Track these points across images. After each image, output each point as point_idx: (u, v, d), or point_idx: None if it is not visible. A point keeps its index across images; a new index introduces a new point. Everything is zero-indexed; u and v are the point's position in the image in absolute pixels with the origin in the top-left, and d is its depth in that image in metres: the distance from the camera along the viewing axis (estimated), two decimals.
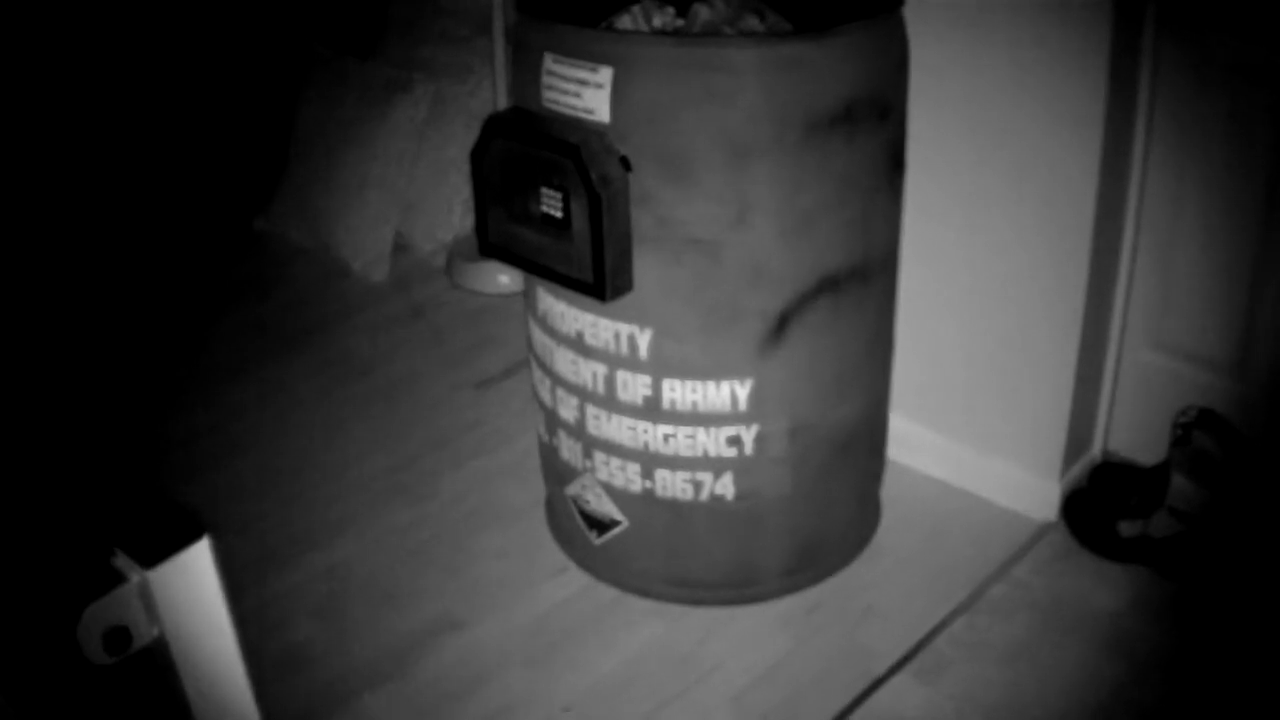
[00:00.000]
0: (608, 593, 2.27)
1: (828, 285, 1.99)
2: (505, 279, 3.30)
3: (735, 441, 2.05)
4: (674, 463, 2.08)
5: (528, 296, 2.20)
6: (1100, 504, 2.30)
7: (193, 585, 0.91)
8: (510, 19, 2.87)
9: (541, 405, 2.24)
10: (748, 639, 2.16)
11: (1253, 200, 2.16)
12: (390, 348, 3.13)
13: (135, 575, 0.88)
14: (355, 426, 2.81)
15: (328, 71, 3.58)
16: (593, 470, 2.16)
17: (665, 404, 2.03)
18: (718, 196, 1.88)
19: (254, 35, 3.90)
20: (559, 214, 1.92)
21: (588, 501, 2.21)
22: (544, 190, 1.93)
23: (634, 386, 2.03)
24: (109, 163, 3.76)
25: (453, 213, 3.48)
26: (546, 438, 2.27)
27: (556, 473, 2.28)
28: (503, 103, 3.22)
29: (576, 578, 2.31)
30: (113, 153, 3.76)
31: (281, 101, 3.71)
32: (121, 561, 0.88)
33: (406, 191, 3.44)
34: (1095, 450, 2.48)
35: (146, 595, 0.88)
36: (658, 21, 2.12)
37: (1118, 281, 2.34)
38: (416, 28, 3.61)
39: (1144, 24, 2.13)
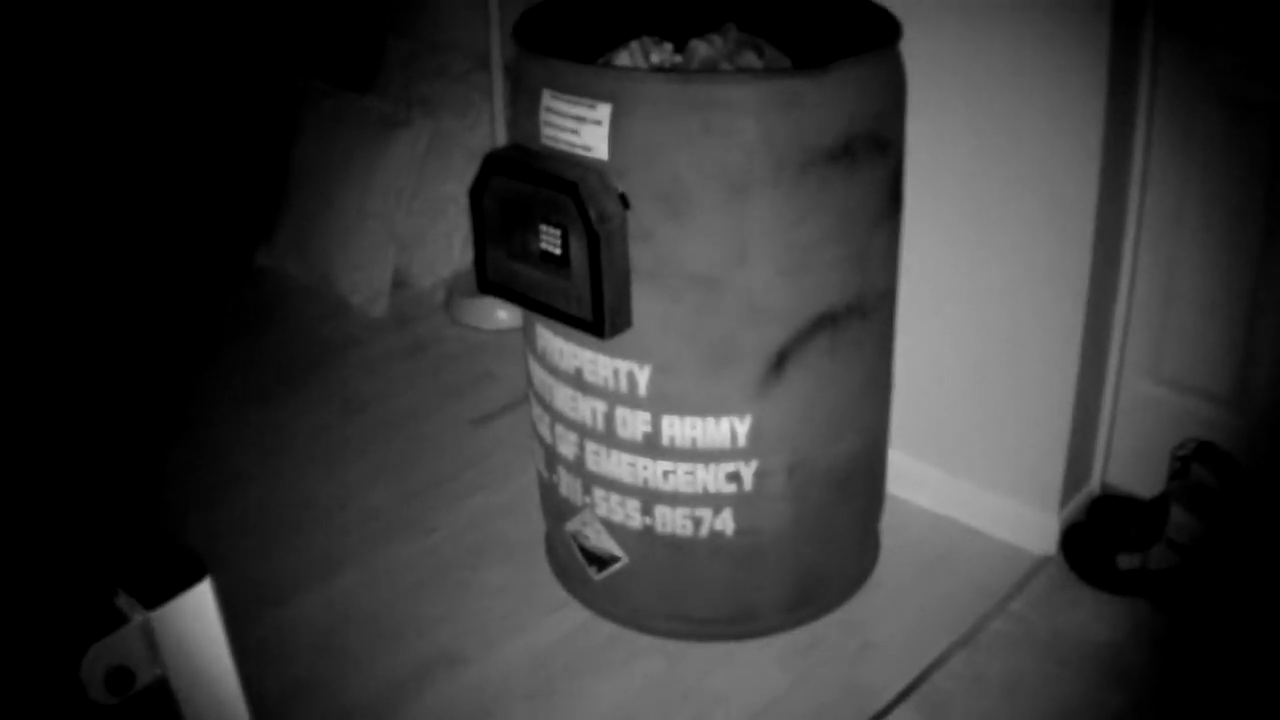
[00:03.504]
0: (607, 628, 2.26)
1: (826, 321, 2.00)
2: (504, 315, 3.31)
3: (734, 478, 2.06)
4: (673, 499, 2.08)
5: (527, 333, 2.21)
6: (1099, 537, 2.30)
7: (195, 626, 0.91)
8: (509, 55, 2.88)
9: (541, 442, 2.25)
10: (748, 675, 2.15)
11: (1252, 231, 2.17)
12: (389, 383, 3.13)
13: (138, 616, 0.88)
14: (354, 462, 2.81)
15: (325, 107, 3.59)
16: (592, 506, 2.16)
17: (664, 440, 2.03)
18: (716, 233, 1.89)
19: (252, 69, 3.91)
20: (558, 251, 1.92)
21: (587, 538, 2.21)
22: (543, 227, 1.94)
23: (633, 423, 2.03)
24: (110, 195, 3.76)
25: (452, 248, 3.49)
26: (546, 474, 2.27)
27: (556, 509, 2.28)
28: (501, 138, 3.23)
29: (576, 613, 2.31)
30: (114, 185, 3.77)
31: (280, 135, 3.72)
32: (124, 602, 0.88)
33: (405, 227, 3.45)
34: (1094, 483, 2.48)
35: (149, 635, 0.88)
36: (656, 58, 2.14)
37: (1116, 313, 2.35)
38: (415, 63, 3.62)
39: (1141, 48, 2.13)
